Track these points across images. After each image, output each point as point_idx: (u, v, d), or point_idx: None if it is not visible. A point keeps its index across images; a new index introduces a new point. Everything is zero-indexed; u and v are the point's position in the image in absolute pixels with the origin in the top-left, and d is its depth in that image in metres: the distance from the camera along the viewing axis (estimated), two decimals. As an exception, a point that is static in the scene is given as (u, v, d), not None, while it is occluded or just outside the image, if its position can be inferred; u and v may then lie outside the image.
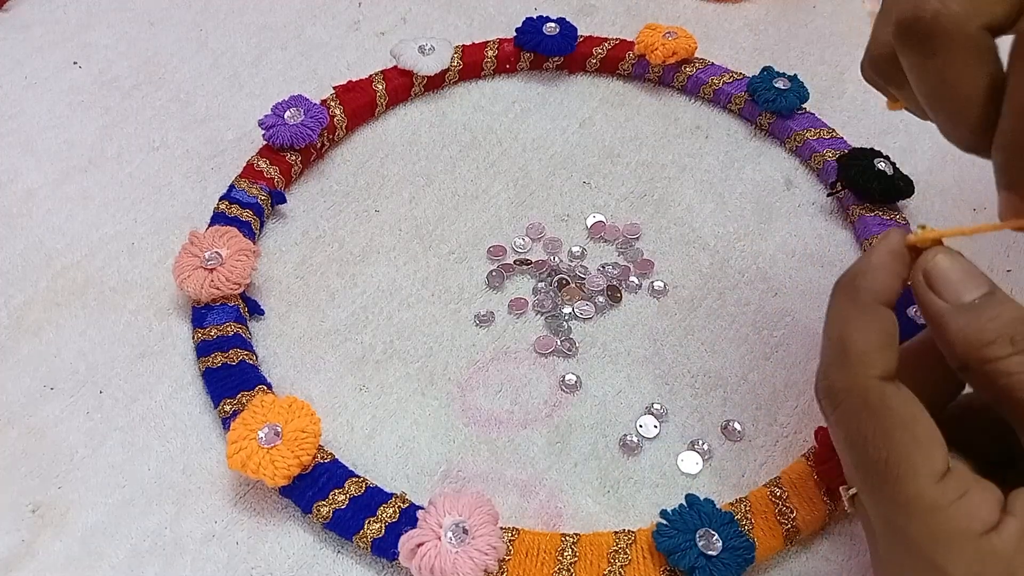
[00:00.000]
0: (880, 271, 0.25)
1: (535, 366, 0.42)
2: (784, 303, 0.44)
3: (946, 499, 0.23)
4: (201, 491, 0.38)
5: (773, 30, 0.60)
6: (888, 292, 0.25)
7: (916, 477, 0.23)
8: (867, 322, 0.24)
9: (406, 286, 0.45)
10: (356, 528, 0.35)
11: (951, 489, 0.23)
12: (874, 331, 0.24)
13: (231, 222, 0.45)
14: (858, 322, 0.25)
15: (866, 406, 0.24)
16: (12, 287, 0.45)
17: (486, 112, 0.54)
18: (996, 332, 0.23)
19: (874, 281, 0.25)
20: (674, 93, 0.55)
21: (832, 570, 0.35)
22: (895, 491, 0.23)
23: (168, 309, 0.44)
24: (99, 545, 0.36)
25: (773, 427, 0.40)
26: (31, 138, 0.53)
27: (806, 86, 0.51)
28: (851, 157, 0.48)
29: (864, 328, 0.24)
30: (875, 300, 0.24)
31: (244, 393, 0.39)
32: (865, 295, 0.25)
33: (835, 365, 0.25)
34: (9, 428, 0.40)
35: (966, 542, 0.22)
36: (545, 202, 0.49)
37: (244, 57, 0.58)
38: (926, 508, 0.23)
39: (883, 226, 0.46)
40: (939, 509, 0.23)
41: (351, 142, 0.52)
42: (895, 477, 0.23)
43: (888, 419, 0.24)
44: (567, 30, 0.55)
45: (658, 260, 0.46)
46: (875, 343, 0.24)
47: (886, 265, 0.25)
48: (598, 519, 0.37)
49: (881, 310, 0.24)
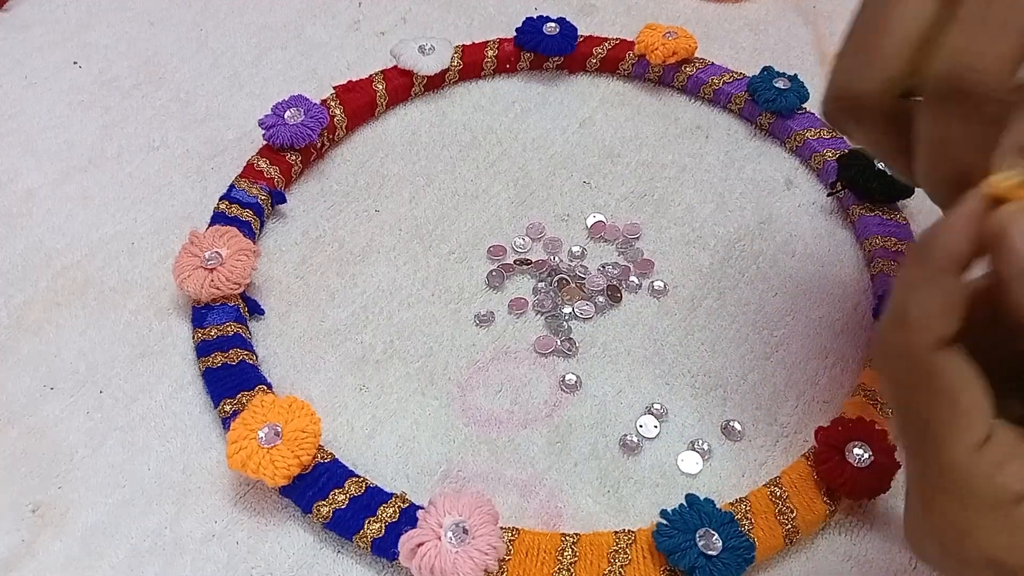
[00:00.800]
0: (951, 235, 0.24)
1: (535, 366, 0.42)
2: (784, 303, 0.44)
3: (981, 468, 0.23)
4: (201, 491, 0.38)
5: (773, 30, 0.60)
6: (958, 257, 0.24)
7: (955, 445, 0.23)
8: (928, 288, 0.24)
9: (406, 286, 0.45)
10: (356, 528, 0.35)
11: (988, 458, 0.23)
12: (934, 297, 0.24)
13: (231, 222, 0.45)
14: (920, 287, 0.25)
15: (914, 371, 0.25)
16: (12, 287, 0.45)
17: (486, 112, 0.54)
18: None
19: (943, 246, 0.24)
20: (674, 93, 0.55)
21: (832, 570, 0.35)
22: (934, 455, 0.24)
23: (168, 309, 0.44)
24: (99, 545, 0.36)
25: (773, 427, 0.40)
26: (31, 138, 0.53)
27: (806, 86, 0.51)
28: (851, 157, 0.48)
29: (924, 294, 0.24)
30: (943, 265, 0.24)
31: (244, 393, 0.39)
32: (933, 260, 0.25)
33: (891, 327, 0.25)
34: (9, 428, 0.40)
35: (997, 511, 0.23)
36: (545, 202, 0.49)
37: (244, 57, 0.58)
38: (961, 475, 0.23)
39: (883, 226, 0.46)
40: (973, 477, 0.23)
41: (351, 142, 0.52)
42: (934, 442, 0.24)
43: (933, 386, 0.24)
44: (567, 30, 0.55)
45: (658, 260, 0.46)
46: (933, 310, 0.24)
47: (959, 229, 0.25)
48: (598, 519, 0.37)
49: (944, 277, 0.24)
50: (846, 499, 0.36)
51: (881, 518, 0.37)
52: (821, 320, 0.44)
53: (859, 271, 0.46)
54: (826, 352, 0.42)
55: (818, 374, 0.42)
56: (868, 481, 0.35)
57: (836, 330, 0.43)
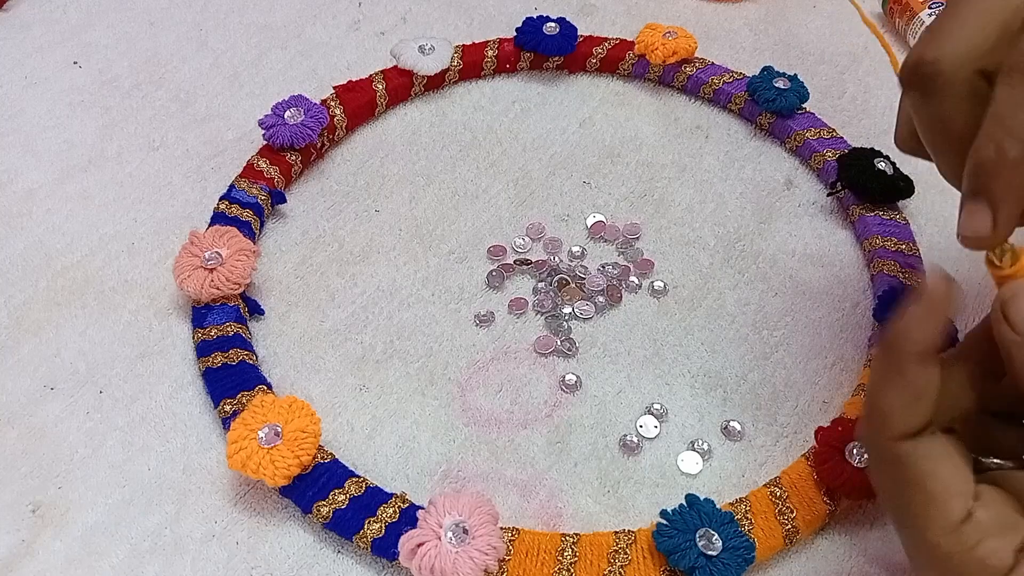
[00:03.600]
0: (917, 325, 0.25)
1: (535, 366, 0.42)
2: (784, 303, 0.44)
3: (961, 547, 0.24)
4: (201, 491, 0.38)
5: (773, 30, 0.60)
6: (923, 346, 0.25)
7: (932, 528, 0.25)
8: (895, 382, 0.25)
9: (406, 286, 0.45)
10: (356, 528, 0.35)
11: (967, 538, 0.24)
12: (901, 390, 0.25)
13: (231, 222, 0.45)
14: (886, 381, 0.26)
15: (884, 461, 0.26)
16: (12, 287, 0.45)
17: (486, 112, 0.54)
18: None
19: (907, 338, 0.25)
20: (674, 93, 0.55)
21: (832, 570, 0.35)
22: (916, 537, 0.25)
23: (168, 309, 0.44)
24: (99, 545, 0.36)
25: (773, 427, 0.40)
26: (31, 138, 0.53)
27: (806, 86, 0.51)
28: (851, 157, 0.48)
29: (891, 388, 0.25)
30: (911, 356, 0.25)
31: (244, 393, 0.39)
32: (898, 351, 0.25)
33: (864, 419, 0.26)
34: (9, 428, 0.40)
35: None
36: (545, 202, 0.49)
37: (244, 57, 0.58)
38: (943, 556, 0.25)
39: (883, 226, 0.46)
40: (954, 556, 0.24)
41: (351, 142, 0.52)
42: (915, 526, 0.25)
43: (903, 475, 0.25)
44: (567, 30, 0.55)
45: (658, 260, 0.46)
46: (899, 403, 0.25)
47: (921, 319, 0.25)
48: (598, 519, 0.37)
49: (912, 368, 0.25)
50: (846, 499, 0.36)
51: (881, 518, 0.37)
52: (821, 320, 0.44)
53: (859, 271, 0.46)
54: (826, 352, 0.42)
55: (818, 374, 0.42)
56: (868, 481, 0.35)
57: (836, 330, 0.43)
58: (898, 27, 0.58)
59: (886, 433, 0.25)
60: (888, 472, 0.26)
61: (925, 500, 0.25)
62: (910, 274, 0.43)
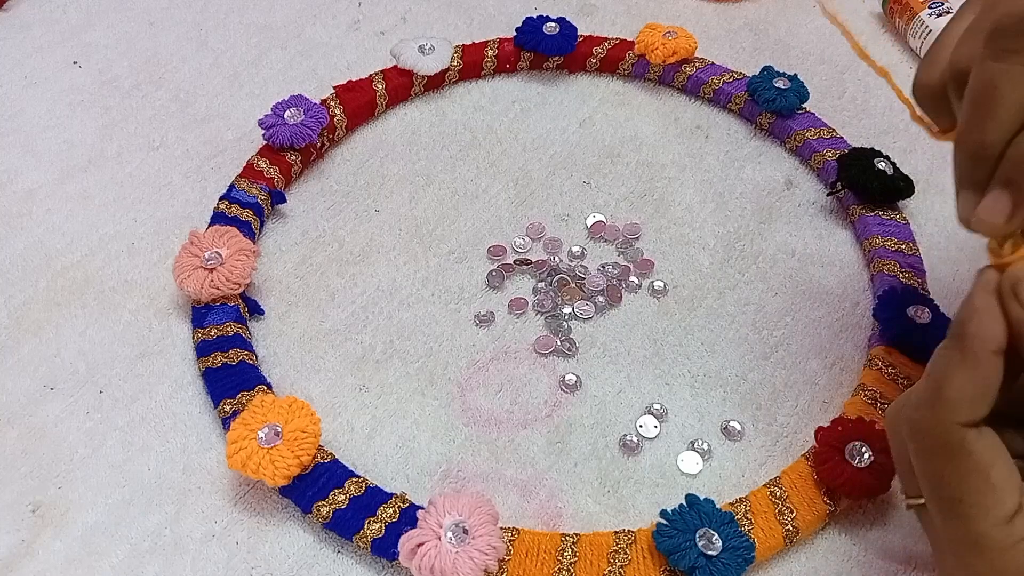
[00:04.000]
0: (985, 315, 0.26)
1: (535, 366, 0.42)
2: (784, 303, 0.44)
3: (1012, 540, 0.25)
4: (201, 491, 0.38)
5: (773, 30, 0.60)
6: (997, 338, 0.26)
7: (985, 518, 0.25)
8: (967, 371, 0.26)
9: (406, 286, 0.45)
10: (356, 528, 0.35)
11: (1018, 530, 0.25)
12: (972, 381, 0.25)
13: (231, 222, 0.45)
14: (959, 369, 0.26)
15: (945, 448, 0.26)
16: (12, 287, 0.45)
17: (486, 112, 0.54)
18: None
19: (980, 327, 0.26)
20: (674, 93, 0.55)
21: (832, 570, 0.35)
22: (966, 527, 0.25)
23: (168, 309, 0.44)
24: (99, 545, 0.36)
25: (773, 427, 0.40)
26: (31, 138, 0.53)
27: (806, 86, 0.51)
28: (851, 157, 0.48)
29: (963, 377, 0.26)
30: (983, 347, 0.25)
31: (244, 393, 0.39)
32: (972, 342, 0.26)
33: (926, 404, 0.26)
34: (9, 428, 0.40)
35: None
36: (545, 202, 0.49)
37: (244, 57, 0.58)
38: (992, 547, 0.25)
39: (883, 226, 0.46)
40: (1004, 549, 0.25)
41: (351, 142, 0.52)
42: (966, 516, 0.25)
43: (965, 463, 0.25)
44: (567, 30, 0.55)
45: (658, 260, 0.46)
46: (969, 393, 0.25)
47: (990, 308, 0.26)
48: (598, 519, 0.37)
49: (985, 361, 0.25)
50: (846, 499, 0.36)
51: (881, 518, 0.37)
52: (821, 320, 0.44)
53: (859, 271, 0.46)
54: (826, 352, 0.42)
55: (818, 374, 0.42)
56: (868, 481, 0.35)
57: (836, 330, 0.43)
58: (898, 27, 0.58)
59: (955, 418, 0.25)
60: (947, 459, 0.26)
61: (984, 489, 0.25)
62: (910, 274, 0.43)
